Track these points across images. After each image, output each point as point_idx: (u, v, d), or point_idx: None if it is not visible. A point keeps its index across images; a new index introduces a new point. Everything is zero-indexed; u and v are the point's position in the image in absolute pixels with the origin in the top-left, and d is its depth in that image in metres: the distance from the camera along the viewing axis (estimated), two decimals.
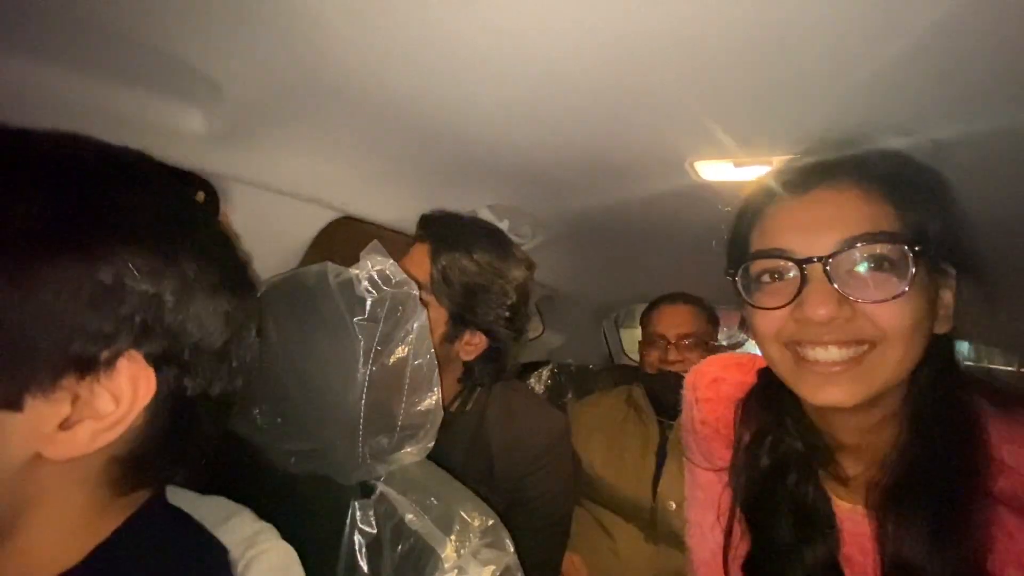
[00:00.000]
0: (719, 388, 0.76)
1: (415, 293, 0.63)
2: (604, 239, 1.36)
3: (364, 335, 0.59)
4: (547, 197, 1.11)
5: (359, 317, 0.59)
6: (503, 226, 1.26)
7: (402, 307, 0.61)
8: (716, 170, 0.83)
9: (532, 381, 1.89)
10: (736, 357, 0.80)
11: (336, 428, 0.60)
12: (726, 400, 0.74)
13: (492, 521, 0.59)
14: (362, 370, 0.58)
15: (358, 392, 0.58)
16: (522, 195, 1.13)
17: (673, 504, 1.24)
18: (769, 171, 0.64)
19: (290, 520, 0.49)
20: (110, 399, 0.34)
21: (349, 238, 1.07)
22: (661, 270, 1.53)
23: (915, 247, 0.51)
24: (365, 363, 0.58)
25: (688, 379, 0.80)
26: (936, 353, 0.56)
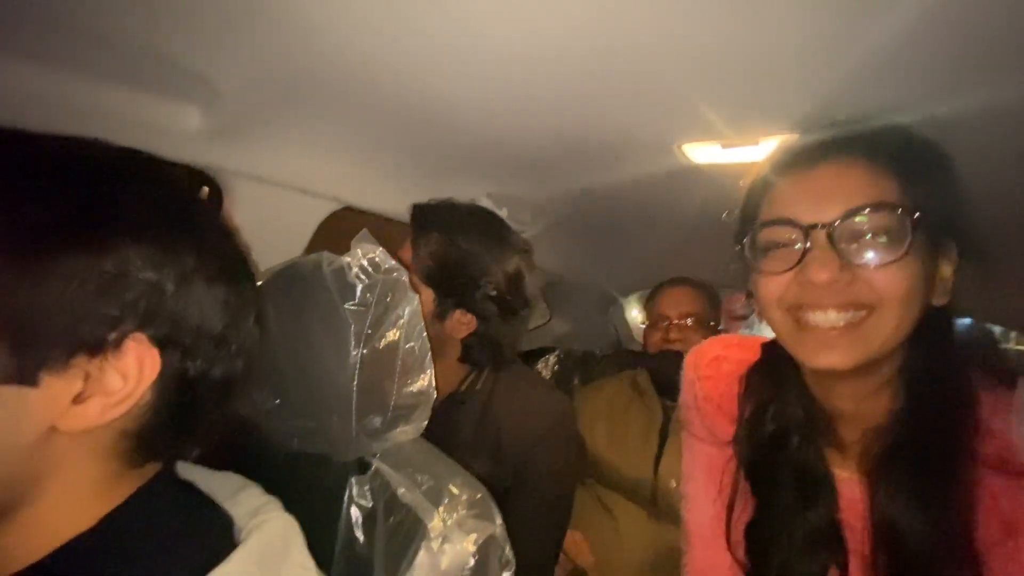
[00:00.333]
0: (720, 366, 0.78)
1: (404, 279, 0.66)
2: (605, 224, 1.37)
3: (355, 319, 0.62)
4: (544, 183, 1.12)
5: (350, 302, 0.62)
6: (502, 213, 1.28)
7: (392, 292, 0.64)
8: (704, 152, 0.83)
9: (539, 367, 1.91)
10: (737, 337, 0.82)
11: (331, 408, 0.63)
12: (727, 377, 0.76)
13: (480, 494, 0.61)
14: (354, 353, 0.61)
15: (350, 373, 0.61)
16: (520, 182, 1.15)
17: (674, 482, 1.26)
18: (777, 147, 0.67)
19: (294, 495, 0.53)
20: (119, 377, 0.38)
21: (352, 229, 1.11)
22: (664, 255, 1.54)
23: (914, 217, 0.54)
24: (356, 346, 0.61)
25: (688, 359, 0.82)
26: (934, 325, 0.59)
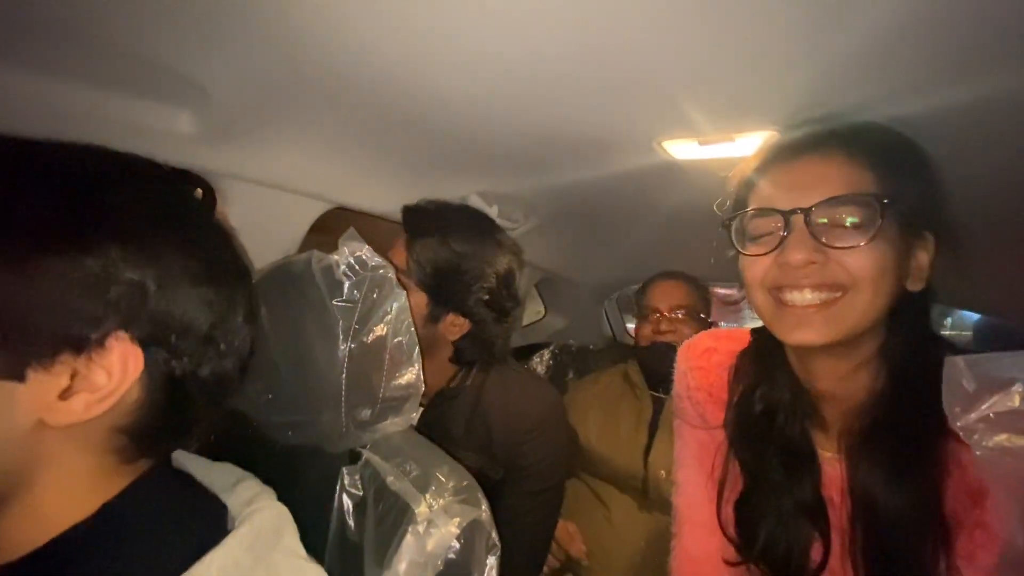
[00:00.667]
0: (711, 357, 0.81)
1: (391, 276, 0.68)
2: (594, 221, 1.39)
3: (343, 315, 0.64)
4: (532, 180, 1.14)
5: (338, 299, 0.64)
6: (493, 211, 1.30)
7: (379, 289, 0.66)
8: (683, 149, 0.85)
9: (535, 362, 1.94)
10: (728, 330, 0.86)
11: (321, 401, 0.65)
12: (718, 368, 0.80)
13: (467, 482, 0.64)
14: (342, 347, 0.64)
15: (339, 367, 0.64)
16: (508, 179, 1.17)
17: (663, 473, 1.29)
18: (763, 144, 0.71)
19: (289, 486, 0.55)
20: (103, 374, 0.39)
21: (344, 229, 1.13)
22: (654, 250, 1.56)
23: (884, 204, 0.57)
24: (344, 340, 0.64)
25: (681, 351, 0.85)
26: (911, 309, 0.63)
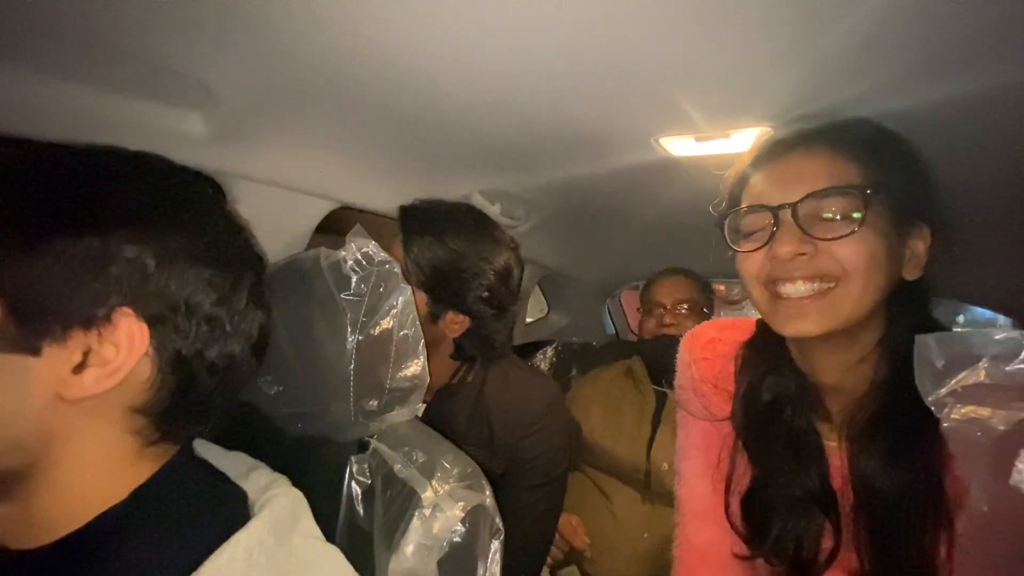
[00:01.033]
0: (715, 347, 0.82)
1: (396, 271, 0.70)
2: (594, 218, 1.40)
3: (350, 308, 0.66)
4: (532, 178, 1.16)
5: (345, 293, 0.66)
6: (495, 209, 1.32)
7: (384, 283, 0.69)
8: (680, 145, 0.87)
9: (538, 359, 1.96)
10: (731, 320, 0.86)
11: (330, 392, 0.67)
12: (722, 358, 0.81)
13: (471, 469, 0.66)
14: (350, 339, 0.66)
15: (347, 359, 0.66)
16: (510, 177, 1.19)
17: (666, 465, 1.31)
18: (753, 143, 0.73)
19: (299, 474, 0.57)
20: (112, 348, 0.42)
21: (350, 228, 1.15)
22: (654, 247, 1.58)
23: (869, 194, 0.59)
24: (352, 333, 0.66)
25: (684, 342, 0.86)
26: (909, 298, 0.64)
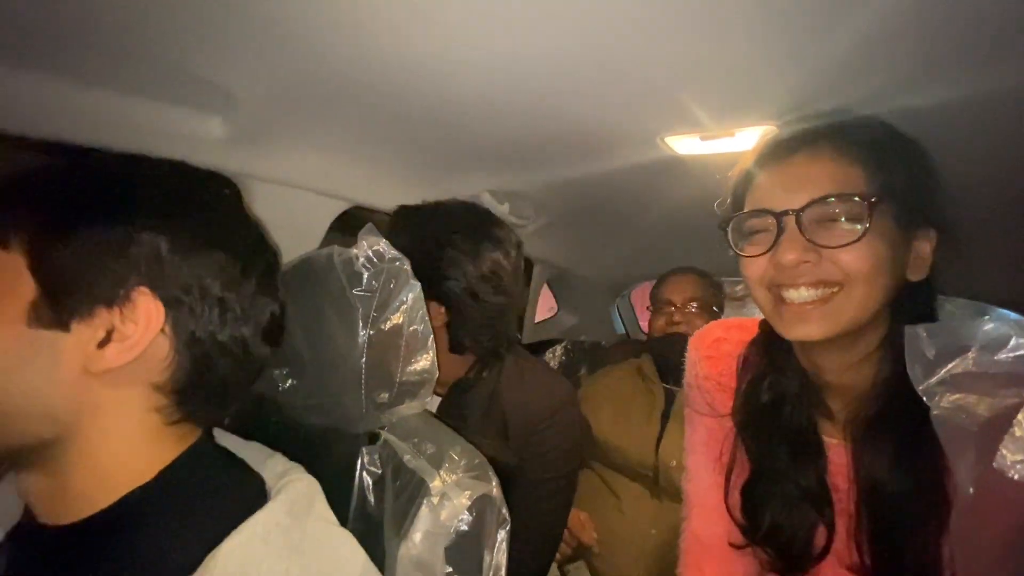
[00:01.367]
0: (721, 347, 0.83)
1: (407, 268, 0.72)
2: (601, 217, 1.42)
3: (362, 303, 0.68)
4: (541, 177, 1.18)
5: (357, 289, 0.69)
6: (504, 209, 1.34)
7: (395, 279, 0.71)
8: (685, 144, 0.88)
9: (547, 358, 1.97)
10: (738, 320, 0.86)
11: (343, 385, 0.69)
12: (728, 357, 0.82)
13: (478, 460, 0.68)
14: (362, 334, 0.68)
15: (359, 353, 0.68)
16: (518, 177, 1.21)
17: (674, 462, 1.31)
18: (757, 143, 0.72)
19: (312, 464, 0.60)
20: (132, 325, 0.46)
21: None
22: (662, 246, 1.59)
23: (873, 202, 0.59)
24: (364, 327, 0.68)
25: (692, 340, 0.87)
26: (913, 299, 0.64)
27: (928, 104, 0.75)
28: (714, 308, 1.54)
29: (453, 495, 0.60)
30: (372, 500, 0.69)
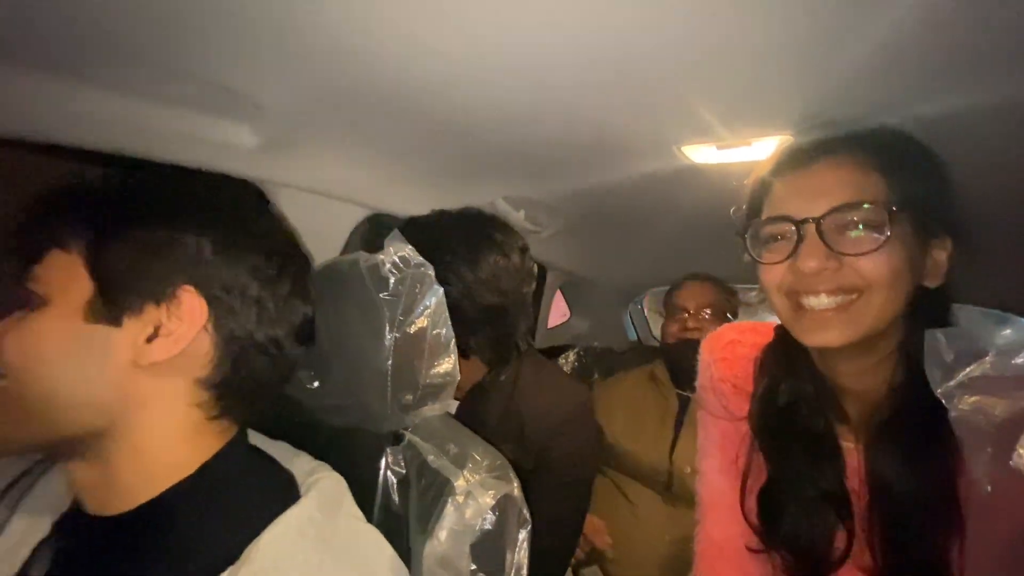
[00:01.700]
0: (735, 349, 0.83)
1: (431, 273, 0.74)
2: (616, 224, 1.44)
3: (389, 307, 0.70)
4: (557, 185, 1.20)
5: (384, 293, 0.71)
6: (519, 215, 1.36)
7: (420, 284, 0.73)
8: (702, 153, 0.90)
9: (559, 363, 1.98)
10: (751, 323, 0.87)
11: (369, 386, 0.72)
12: (742, 359, 0.82)
13: (500, 461, 0.69)
14: (388, 336, 0.70)
15: (385, 355, 0.70)
16: (534, 185, 1.23)
17: (688, 468, 1.32)
18: (776, 149, 0.73)
19: (338, 464, 0.62)
20: (177, 321, 0.49)
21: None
22: (675, 253, 1.60)
23: (894, 211, 0.59)
24: (390, 331, 0.70)
25: (705, 343, 0.87)
26: (929, 304, 0.64)
27: (944, 112, 0.76)
28: (728, 314, 1.55)
29: (477, 494, 0.62)
30: (396, 499, 0.71)
